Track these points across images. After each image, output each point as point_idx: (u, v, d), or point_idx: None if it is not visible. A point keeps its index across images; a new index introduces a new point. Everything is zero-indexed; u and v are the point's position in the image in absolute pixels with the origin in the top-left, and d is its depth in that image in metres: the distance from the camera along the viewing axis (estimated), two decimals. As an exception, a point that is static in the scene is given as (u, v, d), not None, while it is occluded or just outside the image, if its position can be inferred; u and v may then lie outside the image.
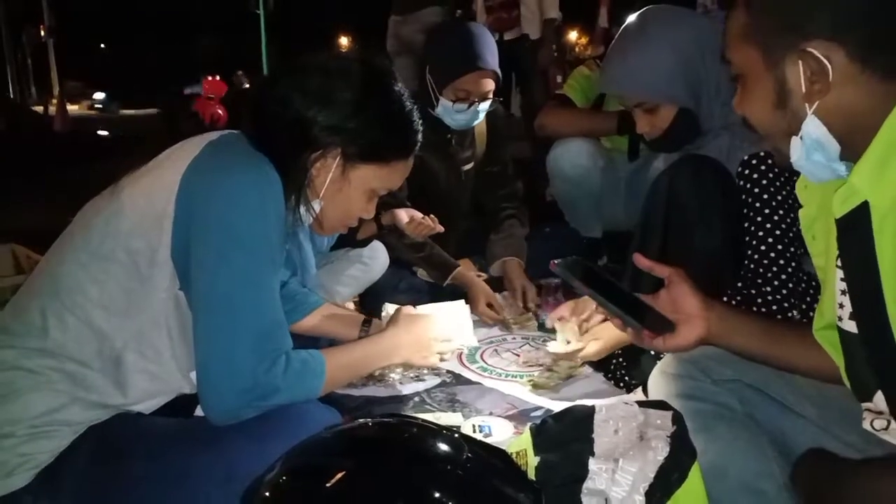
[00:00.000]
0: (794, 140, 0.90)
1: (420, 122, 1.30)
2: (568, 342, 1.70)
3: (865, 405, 0.93)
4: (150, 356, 1.13)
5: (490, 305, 2.26)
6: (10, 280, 2.30)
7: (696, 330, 1.06)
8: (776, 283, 1.44)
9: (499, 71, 2.31)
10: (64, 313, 1.10)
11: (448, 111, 2.30)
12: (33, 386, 1.07)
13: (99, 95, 25.65)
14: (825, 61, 0.84)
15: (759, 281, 1.45)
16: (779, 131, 0.93)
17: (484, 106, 2.30)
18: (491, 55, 2.29)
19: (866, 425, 0.92)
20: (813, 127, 0.88)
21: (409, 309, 1.56)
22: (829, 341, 1.01)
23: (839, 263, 0.92)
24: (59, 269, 1.13)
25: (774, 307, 1.43)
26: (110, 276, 1.10)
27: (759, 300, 1.44)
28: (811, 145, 0.89)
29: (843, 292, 0.92)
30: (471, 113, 2.29)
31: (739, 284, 1.47)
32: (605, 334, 1.68)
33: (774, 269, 1.45)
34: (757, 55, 0.91)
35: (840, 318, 0.94)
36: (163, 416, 1.18)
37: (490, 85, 2.29)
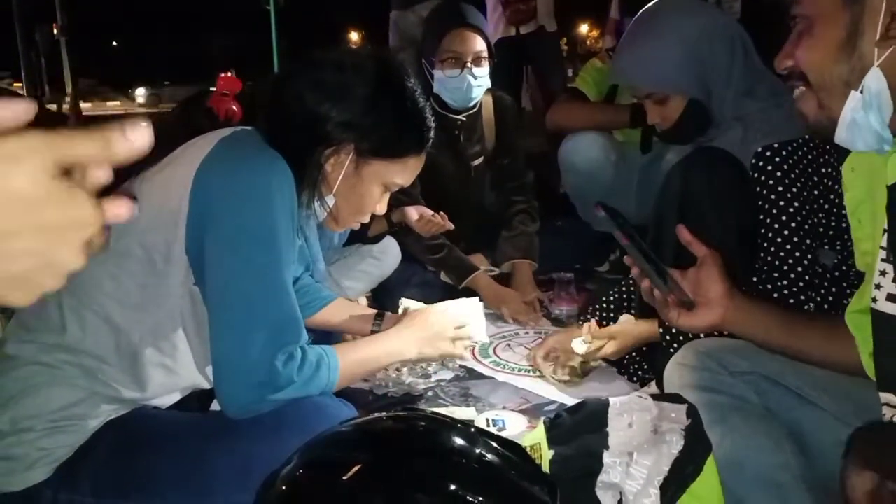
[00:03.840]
0: (853, 94, 0.86)
1: (433, 118, 1.30)
2: (586, 342, 1.72)
3: (885, 399, 0.91)
4: (166, 351, 1.14)
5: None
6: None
7: (713, 315, 1.06)
8: (792, 276, 1.43)
9: (486, 30, 2.31)
10: (81, 309, 1.11)
11: (443, 83, 2.29)
12: (52, 381, 1.08)
13: (140, 91, 26.31)
14: None
15: (775, 275, 1.44)
16: (835, 80, 0.89)
17: (479, 72, 2.28)
18: (473, 15, 2.30)
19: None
20: (875, 79, 0.84)
21: (417, 305, 1.56)
22: (858, 325, 0.99)
23: (883, 242, 0.89)
24: (76, 266, 1.14)
25: (791, 300, 1.42)
26: (126, 272, 1.11)
27: (776, 294, 1.43)
28: (870, 101, 0.85)
29: (883, 273, 0.89)
30: (465, 78, 2.26)
31: (755, 279, 1.47)
32: (623, 334, 1.69)
33: (790, 261, 1.44)
34: None
35: (875, 300, 0.91)
36: (180, 410, 1.19)
37: (479, 44, 2.27)
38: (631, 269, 1.13)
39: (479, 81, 2.31)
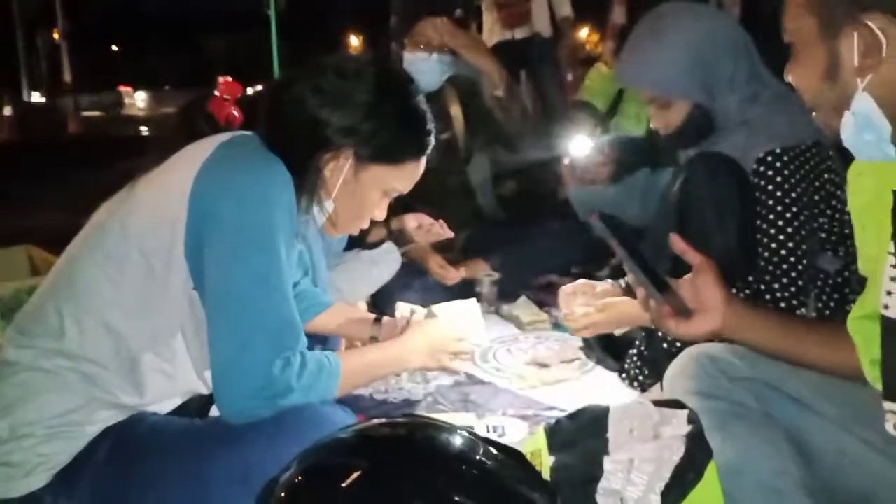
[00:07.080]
0: (847, 116, 0.90)
1: (433, 123, 1.30)
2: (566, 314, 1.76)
3: (889, 407, 0.91)
4: (165, 356, 1.14)
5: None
6: (27, 282, 2.32)
7: (711, 321, 1.05)
8: (786, 280, 1.43)
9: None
10: (80, 314, 1.11)
11: (411, 64, 2.41)
12: (51, 387, 1.08)
13: (140, 95, 26.46)
14: (880, 35, 0.84)
15: (777, 280, 1.44)
16: (826, 103, 0.93)
17: (443, 58, 2.42)
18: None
19: (889, 428, 0.91)
20: (863, 103, 0.87)
21: (420, 314, 1.56)
22: (862, 332, 0.98)
23: (891, 248, 0.90)
24: (75, 270, 1.14)
25: (792, 306, 1.42)
26: (125, 277, 1.11)
27: (769, 296, 1.43)
28: (862, 123, 0.88)
29: (894, 279, 0.89)
30: (430, 62, 2.40)
31: (751, 279, 1.46)
32: (615, 309, 1.68)
33: (785, 266, 1.44)
34: (814, 24, 0.91)
35: (887, 307, 0.91)
36: (178, 416, 1.19)
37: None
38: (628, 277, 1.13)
39: (443, 67, 2.44)
